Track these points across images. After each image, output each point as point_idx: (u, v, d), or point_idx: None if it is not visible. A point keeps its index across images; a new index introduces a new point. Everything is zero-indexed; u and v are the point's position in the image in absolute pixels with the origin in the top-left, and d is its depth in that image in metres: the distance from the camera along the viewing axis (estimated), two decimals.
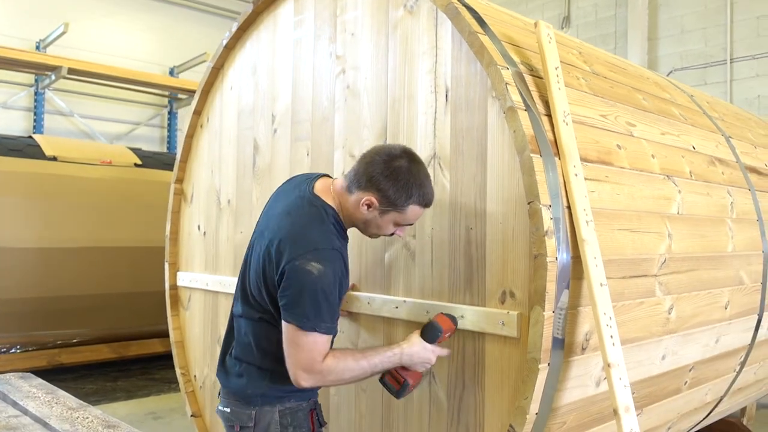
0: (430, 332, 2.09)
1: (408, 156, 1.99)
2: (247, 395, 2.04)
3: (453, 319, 2.15)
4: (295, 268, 1.87)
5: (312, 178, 2.15)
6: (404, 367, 2.06)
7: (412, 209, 2.01)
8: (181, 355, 3.81)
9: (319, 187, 2.08)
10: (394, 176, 1.94)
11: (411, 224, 2.11)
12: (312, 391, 2.11)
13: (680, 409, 2.94)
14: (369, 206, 1.98)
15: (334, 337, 2.01)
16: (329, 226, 1.98)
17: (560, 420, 2.14)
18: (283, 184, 2.30)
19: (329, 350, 1.95)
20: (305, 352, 1.89)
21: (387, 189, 1.95)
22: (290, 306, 1.89)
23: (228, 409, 2.07)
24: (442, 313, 2.19)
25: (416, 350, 2.04)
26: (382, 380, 2.12)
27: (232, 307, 2.22)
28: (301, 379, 1.91)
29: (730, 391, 3.35)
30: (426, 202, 2.03)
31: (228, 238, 3.43)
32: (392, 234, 2.11)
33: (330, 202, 2.04)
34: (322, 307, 1.88)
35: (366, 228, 2.08)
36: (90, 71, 8.95)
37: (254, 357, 2.06)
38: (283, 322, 1.92)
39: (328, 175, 2.20)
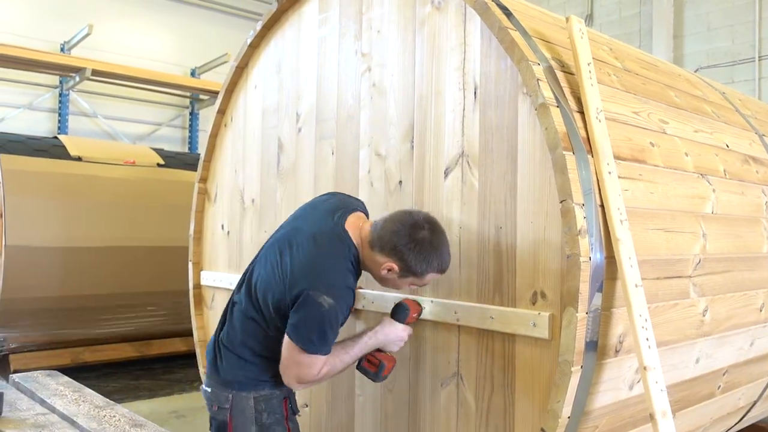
0: (400, 313, 2.27)
1: (430, 226, 2.11)
2: (227, 380, 2.19)
3: (419, 303, 2.34)
4: (310, 297, 2.02)
5: (348, 210, 2.26)
6: (378, 350, 2.24)
7: (430, 275, 2.15)
8: (205, 354, 3.81)
9: (350, 223, 2.19)
10: (417, 249, 2.06)
11: (425, 285, 2.26)
12: None
13: (713, 413, 2.87)
14: (389, 270, 2.12)
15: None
16: (348, 264, 2.12)
17: (592, 424, 2.09)
18: (322, 197, 2.44)
19: None
20: (304, 369, 2.07)
21: (409, 260, 2.07)
22: (298, 328, 2.04)
23: (209, 389, 2.23)
24: (407, 297, 2.36)
25: (389, 329, 2.22)
26: (359, 367, 2.27)
27: (234, 292, 2.32)
28: (295, 386, 2.15)
29: (764, 396, 3.27)
30: (443, 269, 2.16)
31: (252, 237, 3.42)
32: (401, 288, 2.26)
33: (355, 241, 2.16)
34: (328, 336, 2.05)
35: (381, 281, 2.22)
36: (113, 72, 9.04)
37: (237, 347, 2.20)
38: (286, 337, 2.07)
39: (362, 211, 2.34)
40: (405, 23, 2.60)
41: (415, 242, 2.05)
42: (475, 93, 2.30)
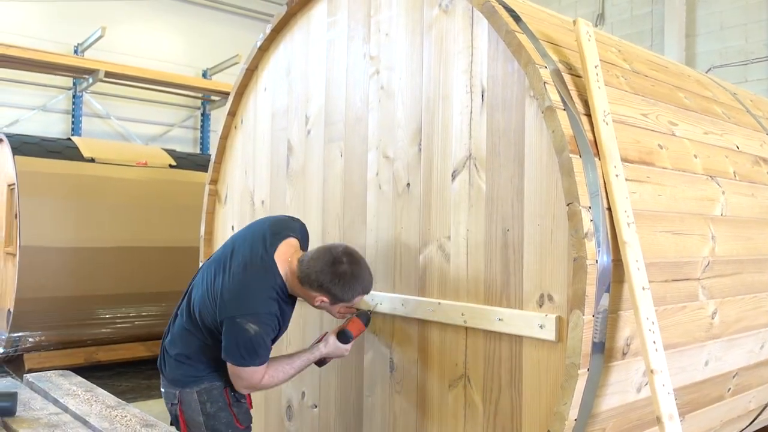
0: (342, 337, 2.51)
1: (349, 258, 2.36)
2: (172, 379, 2.45)
3: (365, 319, 2.55)
4: (236, 323, 2.26)
5: (282, 236, 2.46)
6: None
7: (357, 299, 2.43)
8: None
9: (280, 253, 2.40)
10: (341, 282, 2.32)
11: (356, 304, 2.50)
12: (224, 373, 2.41)
13: (723, 416, 2.86)
14: (322, 302, 2.39)
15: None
16: (273, 294, 2.34)
17: (599, 426, 2.10)
18: (263, 221, 2.65)
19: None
20: (245, 380, 2.34)
21: (335, 292, 2.34)
22: (229, 350, 2.29)
23: (163, 390, 2.50)
24: (356, 314, 2.55)
25: (332, 349, 2.51)
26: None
27: (178, 304, 2.56)
28: (244, 392, 2.43)
29: None
30: (366, 291, 2.44)
31: None
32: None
33: (282, 272, 2.37)
34: (257, 352, 2.29)
35: (316, 307, 2.47)
36: (126, 74, 9.12)
37: (177, 354, 2.45)
38: (228, 364, 2.33)
39: (297, 236, 2.52)
40: (413, 26, 2.61)
41: (338, 277, 2.31)
42: (482, 96, 2.31)
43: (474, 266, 2.30)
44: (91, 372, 5.59)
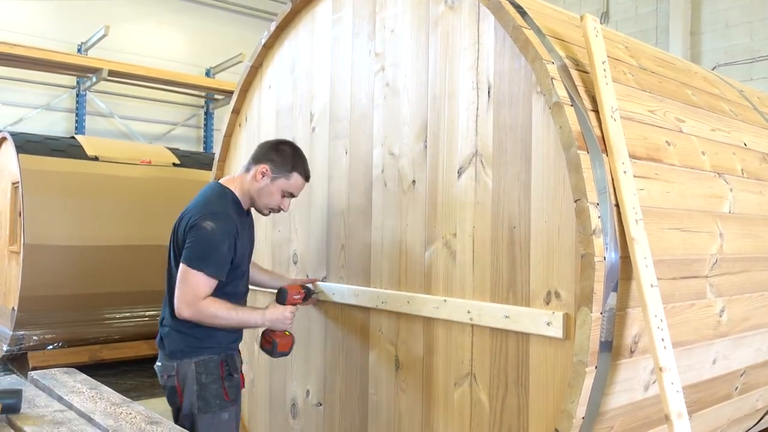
0: (281, 296, 2.71)
1: (291, 144, 2.70)
2: (171, 351, 2.56)
3: (306, 290, 2.79)
4: (195, 224, 2.46)
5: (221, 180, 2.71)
6: (272, 331, 2.68)
7: (296, 178, 2.63)
8: None
9: (224, 180, 2.69)
10: (281, 152, 2.61)
11: (295, 196, 2.69)
12: (223, 347, 2.58)
13: (730, 415, 2.84)
14: (263, 174, 2.58)
15: (246, 289, 2.72)
16: (227, 201, 2.57)
17: (607, 425, 2.08)
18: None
19: (240, 297, 2.62)
20: (190, 287, 2.43)
21: (276, 159, 2.59)
22: (186, 251, 2.45)
23: (159, 364, 2.62)
24: (292, 284, 2.80)
25: (272, 310, 2.64)
26: (261, 347, 2.74)
27: (167, 275, 2.66)
28: (182, 310, 2.46)
29: None
30: (306, 174, 2.68)
31: (266, 236, 3.44)
32: (279, 209, 2.68)
33: (231, 187, 2.63)
34: (210, 255, 2.44)
35: (259, 198, 2.63)
36: (129, 73, 9.12)
37: (174, 322, 2.55)
38: (181, 264, 2.46)
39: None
40: (418, 23, 2.60)
41: (279, 149, 2.62)
42: (488, 92, 2.30)
43: (480, 263, 2.29)
44: (95, 370, 5.59)
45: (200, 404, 2.52)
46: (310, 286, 2.90)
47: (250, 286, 2.91)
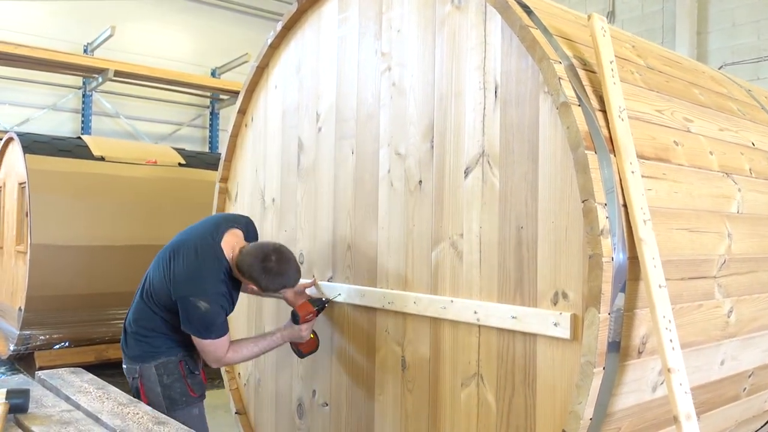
0: (293, 317, 2.85)
1: (277, 256, 2.68)
2: (134, 356, 2.75)
3: (319, 304, 2.87)
4: (188, 302, 2.59)
5: (228, 226, 2.81)
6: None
7: (286, 291, 2.87)
8: None
9: (226, 242, 2.74)
10: (267, 276, 2.66)
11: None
12: (179, 349, 2.75)
13: (738, 416, 2.83)
14: (253, 289, 2.78)
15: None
16: (220, 275, 2.66)
17: (615, 426, 2.07)
18: (211, 216, 3.08)
19: (229, 343, 2.72)
20: (209, 353, 2.67)
21: (263, 283, 2.68)
22: (187, 324, 2.62)
23: (125, 366, 2.81)
24: (310, 299, 2.91)
25: (289, 331, 2.84)
26: (292, 347, 2.97)
27: (137, 289, 2.85)
28: (213, 365, 2.75)
29: None
30: (291, 286, 2.80)
31: (272, 236, 3.44)
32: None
33: (229, 257, 2.70)
34: (210, 328, 2.61)
35: (254, 292, 2.87)
36: (135, 73, 9.15)
37: (135, 329, 2.76)
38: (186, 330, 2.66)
39: (242, 228, 2.86)
40: (425, 23, 2.60)
41: (266, 272, 2.64)
42: (495, 92, 2.29)
43: (487, 264, 2.29)
44: (101, 370, 5.59)
45: (167, 403, 2.69)
46: (314, 293, 3.02)
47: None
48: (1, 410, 1.89)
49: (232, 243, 2.74)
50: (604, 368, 1.92)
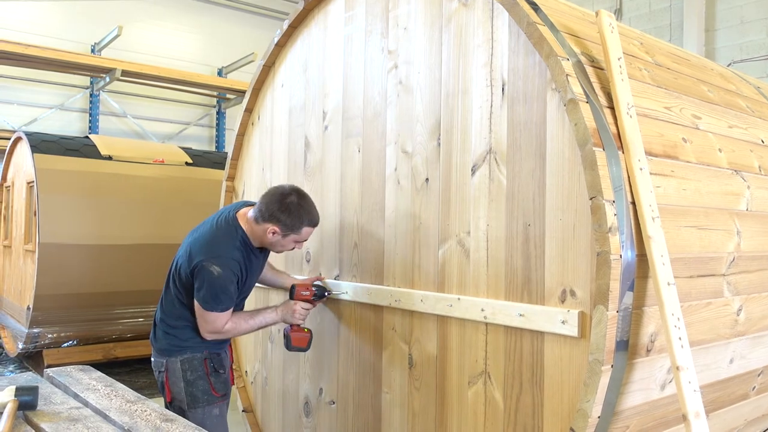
0: (290, 293, 2.92)
1: (296, 193, 2.70)
2: (161, 349, 2.79)
3: (318, 289, 2.93)
4: (203, 267, 2.61)
5: (243, 205, 2.85)
6: (291, 326, 2.91)
7: (306, 230, 2.73)
8: (233, 350, 3.85)
9: (241, 214, 2.78)
10: (288, 210, 2.64)
11: (305, 240, 2.80)
12: (206, 346, 2.76)
13: (747, 415, 2.81)
14: (274, 233, 2.68)
15: (242, 303, 2.87)
16: (236, 242, 2.69)
17: (623, 424, 2.06)
18: (228, 205, 3.05)
19: (236, 309, 2.75)
20: (209, 324, 2.68)
21: (284, 220, 2.65)
22: (198, 292, 2.64)
23: (153, 360, 2.86)
24: (303, 281, 2.97)
25: (282, 307, 2.88)
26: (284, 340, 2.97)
27: (167, 274, 2.85)
28: (207, 337, 2.73)
29: None
30: (314, 223, 2.75)
31: None
32: (293, 248, 2.80)
33: (244, 226, 2.73)
34: (219, 297, 2.63)
35: (273, 247, 2.78)
36: (142, 73, 9.18)
37: (164, 322, 2.79)
38: (195, 301, 2.66)
39: (250, 204, 2.84)
40: (431, 20, 2.59)
41: (286, 206, 2.64)
42: (502, 89, 2.28)
43: (494, 261, 2.28)
44: (108, 368, 5.63)
45: (189, 400, 2.70)
46: (319, 283, 3.00)
47: (264, 286, 3.16)
48: (10, 407, 1.90)
49: (247, 215, 2.75)
50: (612, 366, 1.91)
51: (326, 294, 2.95)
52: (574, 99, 1.98)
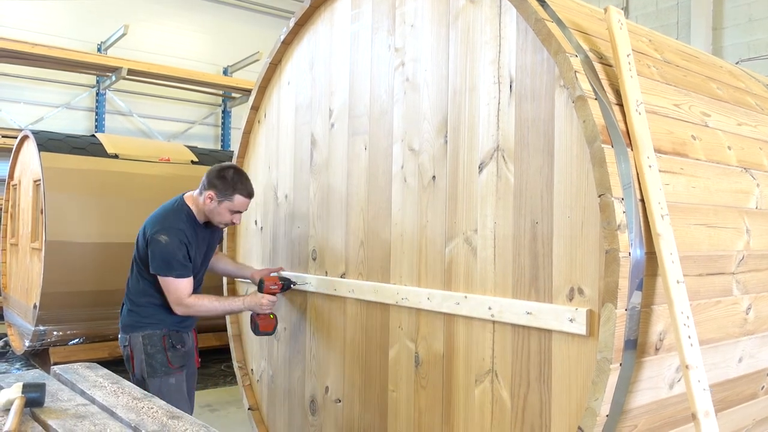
0: (259, 286, 3.16)
1: (234, 168, 3.09)
2: (125, 325, 3.10)
3: (285, 282, 3.18)
4: (152, 238, 2.96)
5: (191, 190, 3.15)
6: (257, 314, 3.16)
7: (238, 198, 3.02)
8: (239, 348, 3.86)
9: (188, 195, 3.12)
10: (223, 178, 3.00)
11: (241, 211, 3.09)
12: (165, 325, 3.04)
13: (756, 414, 2.79)
14: (211, 199, 3.00)
15: (198, 284, 3.13)
16: (181, 215, 3.03)
17: (631, 423, 2.05)
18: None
19: (193, 292, 3.01)
20: (170, 292, 2.97)
21: (219, 185, 2.99)
22: (152, 261, 2.96)
23: (120, 336, 3.14)
24: (271, 276, 3.21)
25: (249, 298, 3.16)
26: (250, 326, 3.24)
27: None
28: (175, 309, 3.00)
29: None
30: (248, 193, 3.06)
31: (285, 232, 3.44)
32: (232, 222, 3.09)
33: (189, 204, 3.08)
34: (171, 263, 2.93)
35: (212, 216, 3.06)
36: (148, 72, 9.20)
37: (129, 299, 3.11)
38: (151, 270, 2.97)
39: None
40: (439, 17, 2.58)
41: (222, 175, 3.00)
42: (510, 86, 2.27)
43: (502, 259, 2.27)
44: (114, 366, 5.62)
45: (148, 370, 3.00)
46: (285, 275, 3.28)
47: (237, 279, 3.62)
48: (17, 404, 1.90)
49: (194, 195, 3.09)
50: (620, 365, 1.89)
51: (292, 285, 3.21)
52: (582, 96, 1.97)
